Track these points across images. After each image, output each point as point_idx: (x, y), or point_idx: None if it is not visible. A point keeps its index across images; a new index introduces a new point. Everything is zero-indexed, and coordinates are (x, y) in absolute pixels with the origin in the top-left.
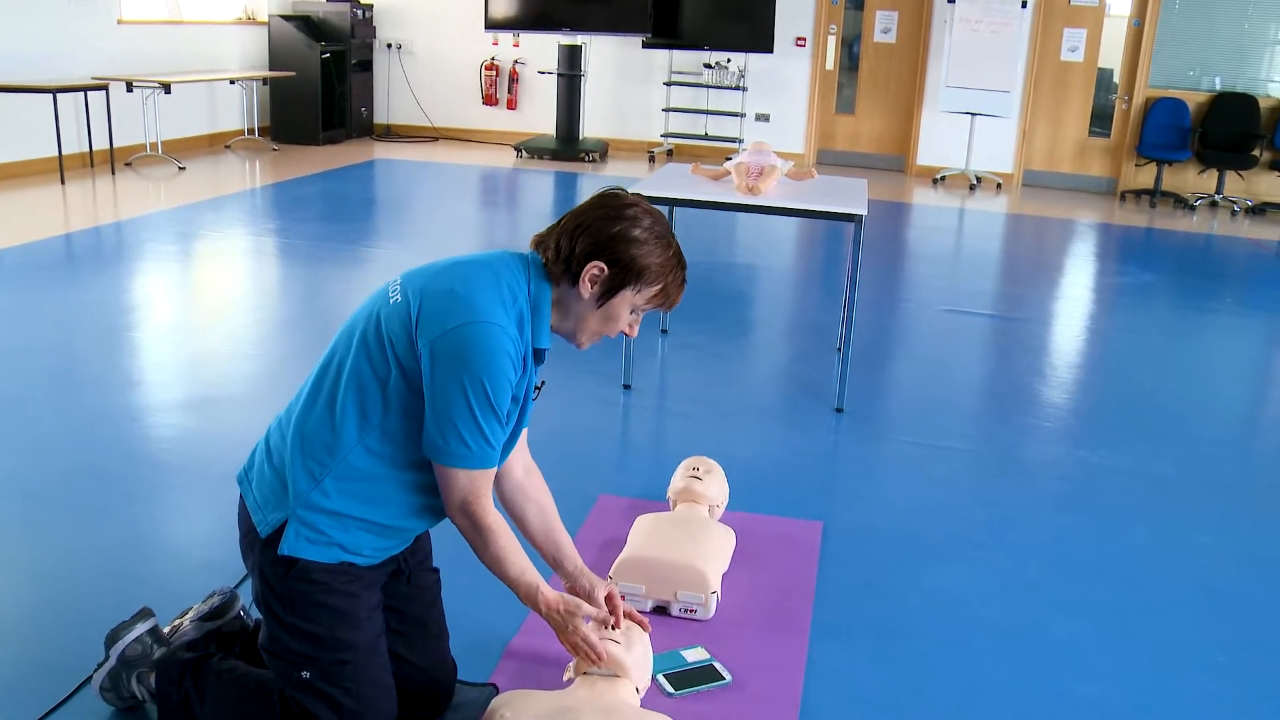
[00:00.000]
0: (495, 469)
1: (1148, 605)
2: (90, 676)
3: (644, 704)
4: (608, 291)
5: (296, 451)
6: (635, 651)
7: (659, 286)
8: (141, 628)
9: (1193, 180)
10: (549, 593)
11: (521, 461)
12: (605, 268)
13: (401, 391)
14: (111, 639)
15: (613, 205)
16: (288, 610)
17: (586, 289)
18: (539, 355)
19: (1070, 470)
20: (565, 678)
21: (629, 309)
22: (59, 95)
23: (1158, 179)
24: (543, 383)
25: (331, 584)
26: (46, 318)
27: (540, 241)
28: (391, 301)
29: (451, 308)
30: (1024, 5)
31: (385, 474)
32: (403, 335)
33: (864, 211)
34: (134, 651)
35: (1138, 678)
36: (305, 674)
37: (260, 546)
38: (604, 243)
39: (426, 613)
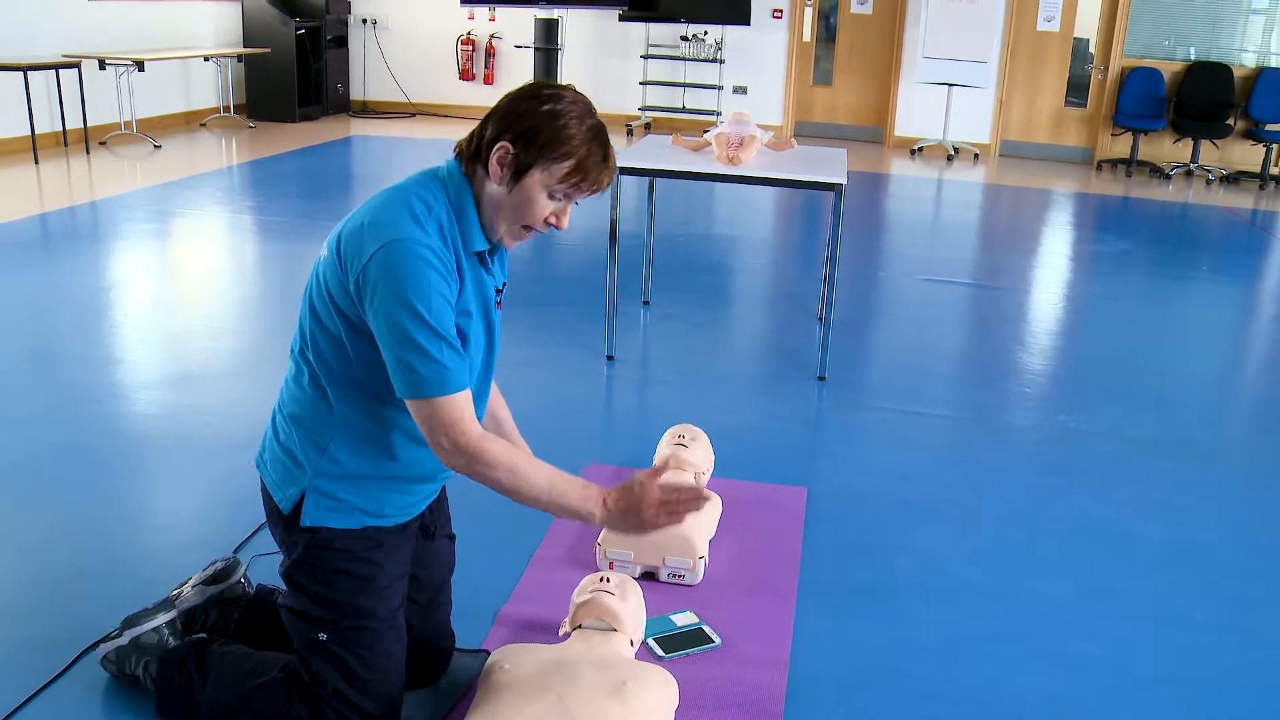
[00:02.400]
0: (465, 391)
1: (1127, 564)
2: (95, 645)
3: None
4: (517, 171)
5: (294, 428)
6: (629, 602)
7: (572, 162)
8: (162, 619)
9: (1168, 149)
10: (602, 493)
11: (492, 414)
12: (510, 146)
13: (355, 341)
14: (130, 622)
15: (529, 89)
16: (310, 578)
17: (496, 172)
18: (481, 260)
19: (1050, 434)
20: (561, 632)
21: (544, 192)
22: (30, 73)
23: (1133, 148)
24: (504, 285)
25: (354, 550)
26: (24, 298)
27: (460, 142)
28: (322, 258)
29: (363, 240)
30: None
31: (381, 423)
32: (337, 286)
33: (844, 181)
34: (149, 640)
35: (1118, 634)
36: (322, 635)
37: (284, 523)
38: (511, 121)
39: (441, 581)
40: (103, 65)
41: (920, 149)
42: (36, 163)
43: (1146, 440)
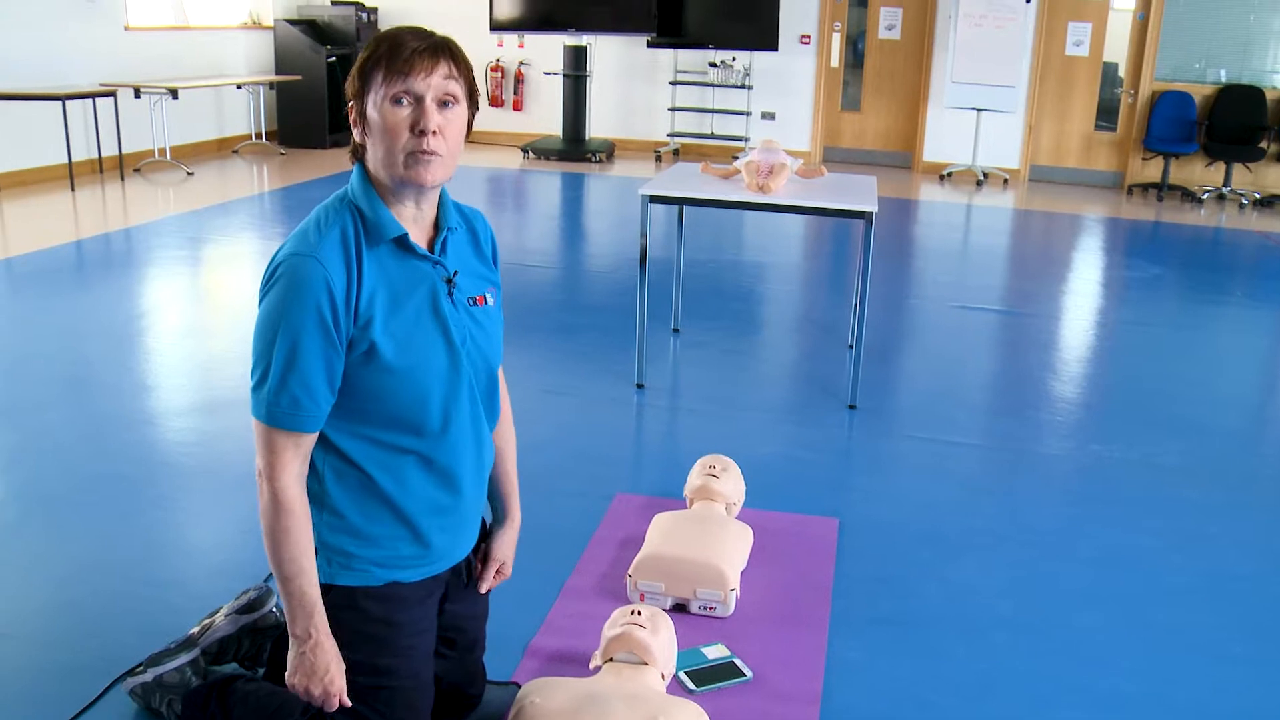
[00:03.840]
0: (297, 435)
1: (1162, 596)
2: (122, 677)
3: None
4: (361, 114)
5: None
6: (661, 636)
7: (382, 63)
8: (184, 658)
9: (1200, 173)
10: (321, 621)
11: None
12: (351, 101)
13: None
14: (154, 660)
15: None
16: None
17: (359, 134)
18: (406, 246)
19: (1082, 463)
20: (592, 665)
21: (386, 104)
22: (68, 102)
23: (1164, 172)
24: (455, 273)
25: (371, 611)
26: (58, 324)
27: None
28: None
29: (268, 265)
30: (1028, 0)
31: (357, 464)
32: None
33: (874, 209)
34: (172, 679)
35: (1154, 669)
36: None
37: None
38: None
39: (476, 636)
40: (138, 94)
41: (949, 174)
42: (73, 190)
43: (1179, 469)
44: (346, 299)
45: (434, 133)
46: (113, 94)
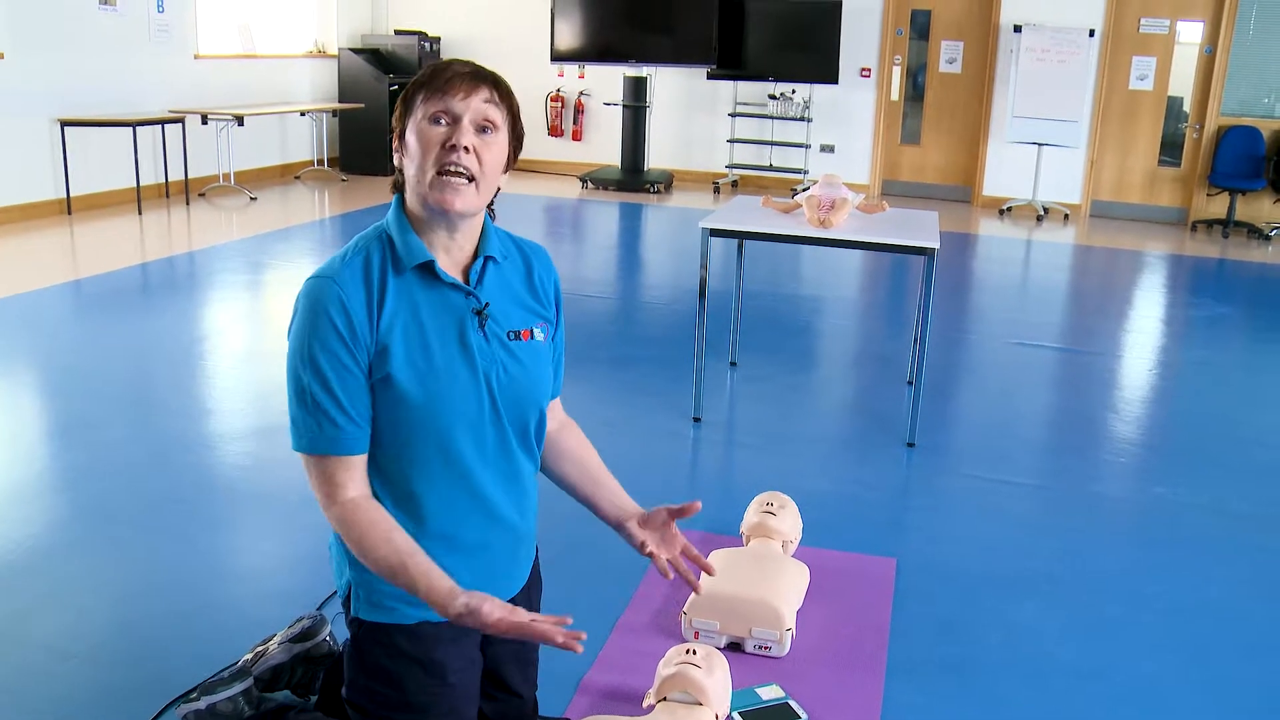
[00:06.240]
0: (339, 458)
1: (1232, 646)
2: (176, 702)
3: None
4: (400, 137)
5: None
6: (715, 676)
7: (421, 91)
8: (237, 687)
9: (1268, 210)
10: (453, 589)
11: (556, 419)
12: (395, 129)
13: None
14: (207, 689)
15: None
16: (361, 671)
17: (400, 159)
18: (434, 272)
19: (1146, 506)
20: (645, 704)
21: (424, 124)
22: (138, 128)
23: (1230, 208)
24: (487, 305)
25: (405, 649)
26: (123, 345)
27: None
28: None
29: None
30: (1091, 34)
31: (383, 491)
32: None
33: (936, 245)
34: (225, 708)
35: None
36: None
37: (344, 609)
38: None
39: (522, 679)
40: (205, 120)
41: (1009, 209)
42: (140, 213)
43: (1251, 515)
44: (368, 318)
45: (465, 149)
46: (181, 120)
